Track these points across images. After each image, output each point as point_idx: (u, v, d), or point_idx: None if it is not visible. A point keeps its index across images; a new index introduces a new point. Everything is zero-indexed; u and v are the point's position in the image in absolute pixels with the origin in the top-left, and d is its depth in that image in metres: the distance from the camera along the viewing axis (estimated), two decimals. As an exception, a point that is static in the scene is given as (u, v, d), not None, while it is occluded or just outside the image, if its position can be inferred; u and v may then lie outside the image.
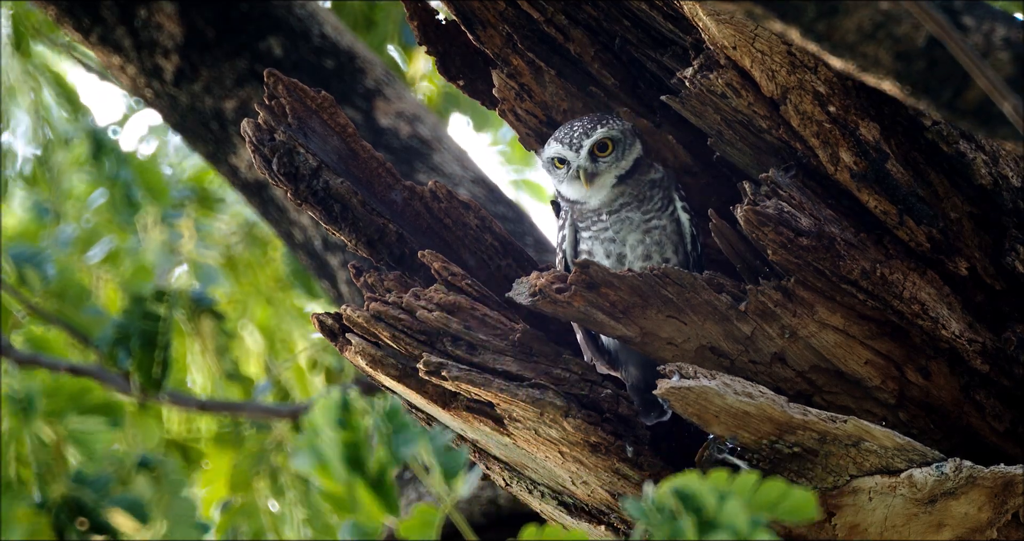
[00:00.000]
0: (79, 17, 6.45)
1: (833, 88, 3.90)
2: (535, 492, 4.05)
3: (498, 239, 4.18)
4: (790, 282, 3.89)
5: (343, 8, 7.62)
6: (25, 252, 7.13)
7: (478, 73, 4.32)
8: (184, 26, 6.46)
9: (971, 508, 3.86)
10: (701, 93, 3.97)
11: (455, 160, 6.66)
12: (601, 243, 4.02)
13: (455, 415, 3.92)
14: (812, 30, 3.00)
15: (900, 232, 3.93)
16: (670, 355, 3.88)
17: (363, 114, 6.57)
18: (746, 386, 3.79)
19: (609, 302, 3.84)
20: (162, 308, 6.92)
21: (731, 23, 3.85)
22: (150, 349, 6.86)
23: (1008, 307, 4.00)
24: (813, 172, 3.95)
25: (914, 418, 4.00)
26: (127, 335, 6.86)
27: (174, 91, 6.51)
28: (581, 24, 4.16)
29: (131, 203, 7.42)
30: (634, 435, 3.88)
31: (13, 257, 7.05)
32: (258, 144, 4.07)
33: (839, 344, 3.94)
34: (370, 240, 4.11)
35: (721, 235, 3.93)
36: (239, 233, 8.37)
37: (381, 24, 7.68)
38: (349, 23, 7.32)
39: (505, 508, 6.52)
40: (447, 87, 8.11)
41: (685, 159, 4.18)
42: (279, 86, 4.11)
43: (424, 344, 3.88)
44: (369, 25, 7.66)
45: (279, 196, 6.52)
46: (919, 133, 3.96)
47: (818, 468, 3.82)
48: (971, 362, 3.97)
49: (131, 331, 6.87)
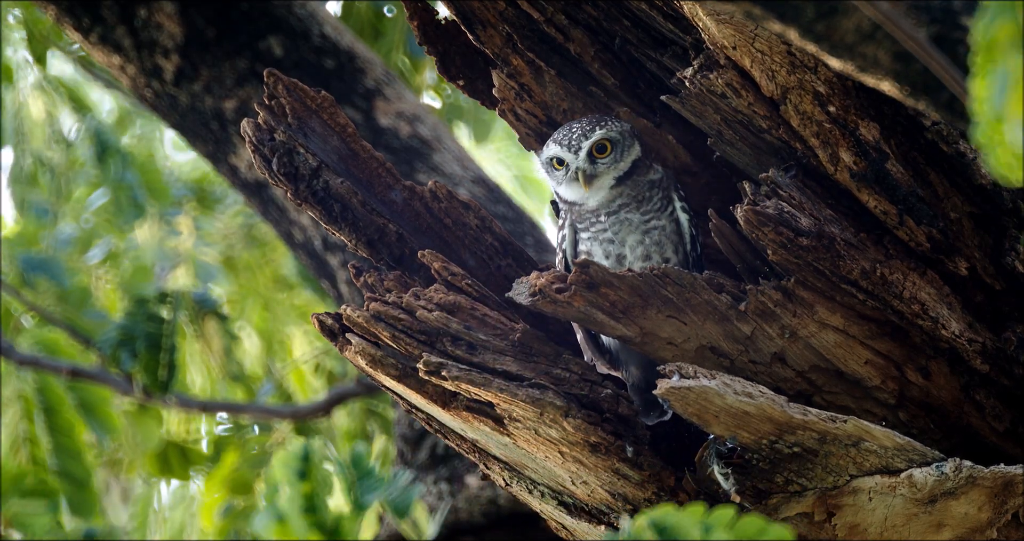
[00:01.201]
0: (79, 17, 6.45)
1: (833, 88, 3.90)
2: (535, 492, 4.05)
3: (498, 239, 4.18)
4: (790, 282, 3.89)
5: (350, 17, 7.63)
6: (34, 259, 7.14)
7: (478, 73, 4.32)
8: (184, 26, 6.46)
9: (971, 508, 3.86)
10: (701, 93, 3.97)
11: (455, 160, 6.66)
12: (600, 244, 4.03)
13: (455, 415, 3.92)
14: (811, 30, 3.00)
15: (900, 232, 3.93)
16: (670, 355, 3.88)
17: (363, 114, 6.57)
18: (746, 386, 3.79)
19: (609, 302, 3.84)
20: (165, 310, 6.92)
21: (731, 23, 3.85)
22: (155, 352, 6.87)
23: (1008, 307, 4.00)
24: (813, 172, 3.95)
25: (914, 418, 4.00)
26: (131, 337, 6.87)
27: (174, 91, 6.51)
28: (581, 24, 4.16)
29: (136, 206, 7.42)
30: (634, 435, 3.88)
31: (23, 263, 7.06)
32: (258, 144, 4.08)
33: (839, 344, 3.94)
34: (370, 240, 4.11)
35: (721, 235, 3.93)
36: (238, 233, 8.38)
37: (388, 34, 7.69)
38: (356, 32, 7.33)
39: (505, 508, 6.53)
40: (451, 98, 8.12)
41: (685, 159, 4.18)
42: (279, 86, 4.11)
43: (424, 344, 3.88)
44: (376, 35, 7.67)
45: (279, 196, 6.52)
46: (919, 133, 3.96)
47: (818, 468, 3.82)
48: (971, 362, 3.97)
49: (135, 333, 6.87)
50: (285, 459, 3.04)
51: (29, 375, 6.84)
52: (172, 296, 6.98)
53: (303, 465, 3.04)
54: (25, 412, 6.81)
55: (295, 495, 3.00)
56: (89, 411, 6.90)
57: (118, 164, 7.42)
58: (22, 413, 6.81)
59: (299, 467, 3.04)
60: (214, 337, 7.24)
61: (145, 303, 6.93)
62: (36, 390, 6.83)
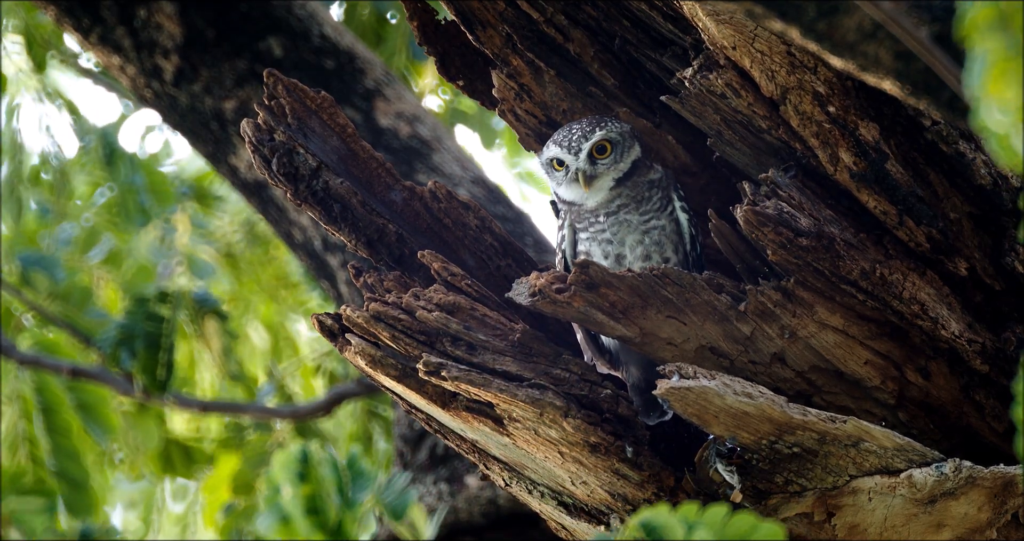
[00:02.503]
0: (79, 17, 6.46)
1: (833, 88, 3.90)
2: (535, 492, 4.05)
3: (498, 239, 4.18)
4: (790, 282, 3.89)
5: (352, 22, 7.64)
6: (32, 256, 7.13)
7: (478, 73, 4.32)
8: (184, 26, 6.46)
9: (971, 508, 3.86)
10: (701, 93, 3.97)
11: (455, 160, 6.66)
12: (599, 244, 4.02)
13: (455, 415, 3.92)
14: (812, 29, 3.00)
15: (900, 232, 3.93)
16: (670, 355, 3.88)
17: (363, 114, 6.57)
18: (746, 386, 3.79)
19: (609, 302, 3.84)
20: (164, 309, 6.92)
21: (731, 23, 3.85)
22: (154, 351, 6.86)
23: (1008, 307, 4.00)
24: (813, 172, 3.95)
25: (914, 418, 4.00)
26: (130, 336, 6.86)
27: (174, 91, 6.51)
28: (581, 24, 4.16)
29: (143, 211, 7.41)
30: (634, 435, 3.88)
31: (21, 260, 7.05)
32: (258, 144, 4.07)
33: (839, 344, 3.94)
34: (370, 240, 4.11)
35: (721, 235, 3.93)
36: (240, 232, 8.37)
37: (390, 39, 7.70)
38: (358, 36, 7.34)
39: (505, 508, 6.53)
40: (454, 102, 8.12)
41: (685, 159, 4.18)
42: (279, 86, 4.11)
43: (424, 344, 3.88)
44: (379, 40, 7.68)
45: (279, 196, 6.52)
46: (919, 133, 3.96)
47: (817, 468, 3.82)
48: (971, 362, 3.97)
49: (135, 333, 6.87)
50: (285, 461, 3.05)
51: (28, 375, 6.83)
52: (172, 295, 6.97)
53: (302, 467, 3.04)
54: (23, 412, 6.80)
55: (297, 496, 3.01)
56: (88, 411, 6.89)
57: (127, 166, 7.41)
58: (20, 413, 6.80)
59: (298, 469, 3.05)
60: (214, 336, 7.24)
61: (145, 302, 6.93)
62: (35, 390, 6.82)
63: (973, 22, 2.50)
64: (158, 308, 6.91)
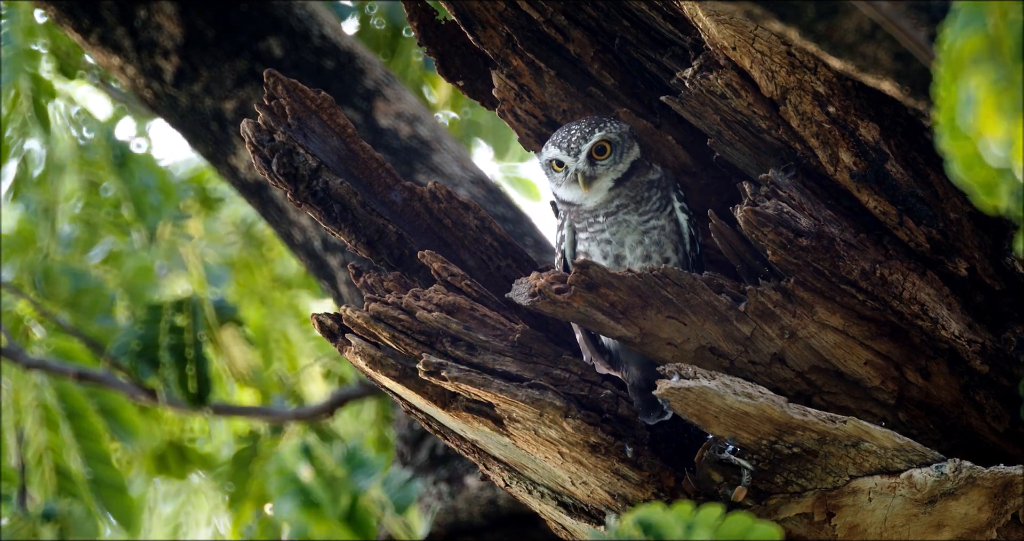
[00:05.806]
0: (79, 17, 6.45)
1: (833, 88, 3.90)
2: (535, 492, 4.05)
3: (498, 239, 4.18)
4: (790, 283, 3.89)
5: (366, 35, 7.65)
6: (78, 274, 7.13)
7: (478, 73, 4.32)
8: (184, 26, 6.46)
9: (971, 508, 3.86)
10: (701, 93, 3.97)
11: (455, 161, 6.66)
12: (598, 244, 4.02)
13: (454, 415, 3.92)
14: (812, 30, 3.00)
15: (900, 232, 3.93)
16: (670, 355, 3.88)
17: (363, 114, 6.57)
18: (745, 386, 3.79)
19: (609, 302, 3.84)
20: (180, 318, 6.91)
21: (731, 23, 3.85)
22: (181, 363, 6.85)
23: (1008, 307, 4.00)
24: (813, 172, 3.95)
25: (914, 418, 4.00)
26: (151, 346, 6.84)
27: (174, 92, 6.51)
28: (581, 24, 4.16)
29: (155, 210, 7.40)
30: (634, 435, 3.88)
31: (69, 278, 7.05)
32: (258, 145, 4.08)
33: (839, 344, 3.94)
34: (370, 240, 4.11)
35: (721, 235, 3.93)
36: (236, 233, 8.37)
37: (404, 52, 7.70)
38: (372, 49, 7.34)
39: (505, 508, 6.53)
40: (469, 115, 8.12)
41: (685, 159, 4.18)
42: (279, 87, 4.11)
43: (424, 344, 3.88)
44: (392, 53, 7.69)
45: (279, 196, 6.52)
46: (919, 133, 3.96)
47: (817, 468, 3.82)
48: (971, 362, 3.97)
49: (155, 343, 6.85)
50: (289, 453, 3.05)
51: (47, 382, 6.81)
52: (187, 303, 6.97)
53: (306, 457, 3.05)
54: (45, 420, 6.77)
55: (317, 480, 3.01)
56: (110, 416, 6.88)
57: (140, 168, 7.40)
58: (42, 420, 6.77)
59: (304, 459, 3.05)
60: (233, 344, 7.23)
61: (158, 310, 6.92)
62: (57, 397, 6.79)
63: (959, 57, 2.44)
64: (176, 318, 6.91)
